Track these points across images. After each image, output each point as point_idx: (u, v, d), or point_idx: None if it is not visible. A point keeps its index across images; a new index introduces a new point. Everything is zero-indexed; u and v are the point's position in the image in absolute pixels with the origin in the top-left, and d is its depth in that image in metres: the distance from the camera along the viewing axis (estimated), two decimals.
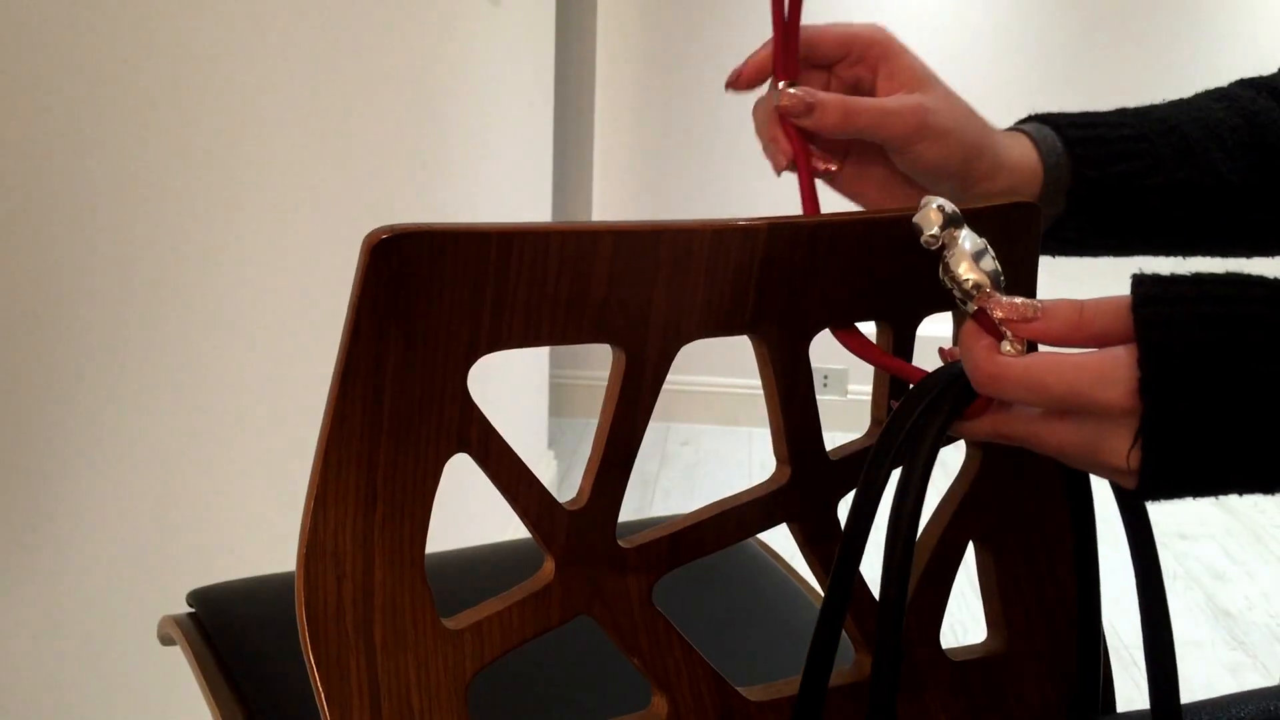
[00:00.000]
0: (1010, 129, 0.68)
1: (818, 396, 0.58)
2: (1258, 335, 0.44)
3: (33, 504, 0.75)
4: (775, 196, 3.18)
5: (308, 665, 0.47)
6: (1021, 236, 0.61)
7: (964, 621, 2.18)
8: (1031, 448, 0.50)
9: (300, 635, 0.47)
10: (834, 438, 0.57)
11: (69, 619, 0.81)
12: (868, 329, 0.58)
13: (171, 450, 0.92)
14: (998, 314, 0.49)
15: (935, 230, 0.51)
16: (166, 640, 0.79)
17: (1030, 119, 0.69)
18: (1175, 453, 0.45)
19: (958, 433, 0.53)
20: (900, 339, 0.59)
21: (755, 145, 0.65)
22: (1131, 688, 1.93)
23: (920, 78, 0.63)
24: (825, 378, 3.24)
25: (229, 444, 1.02)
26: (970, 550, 0.63)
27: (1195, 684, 2.02)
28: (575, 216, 3.23)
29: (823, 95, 0.61)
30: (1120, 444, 0.46)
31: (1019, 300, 0.49)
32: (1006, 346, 0.49)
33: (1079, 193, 0.66)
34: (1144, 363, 0.45)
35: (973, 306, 0.50)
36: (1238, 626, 2.27)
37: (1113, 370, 0.45)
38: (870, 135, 0.61)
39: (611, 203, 3.29)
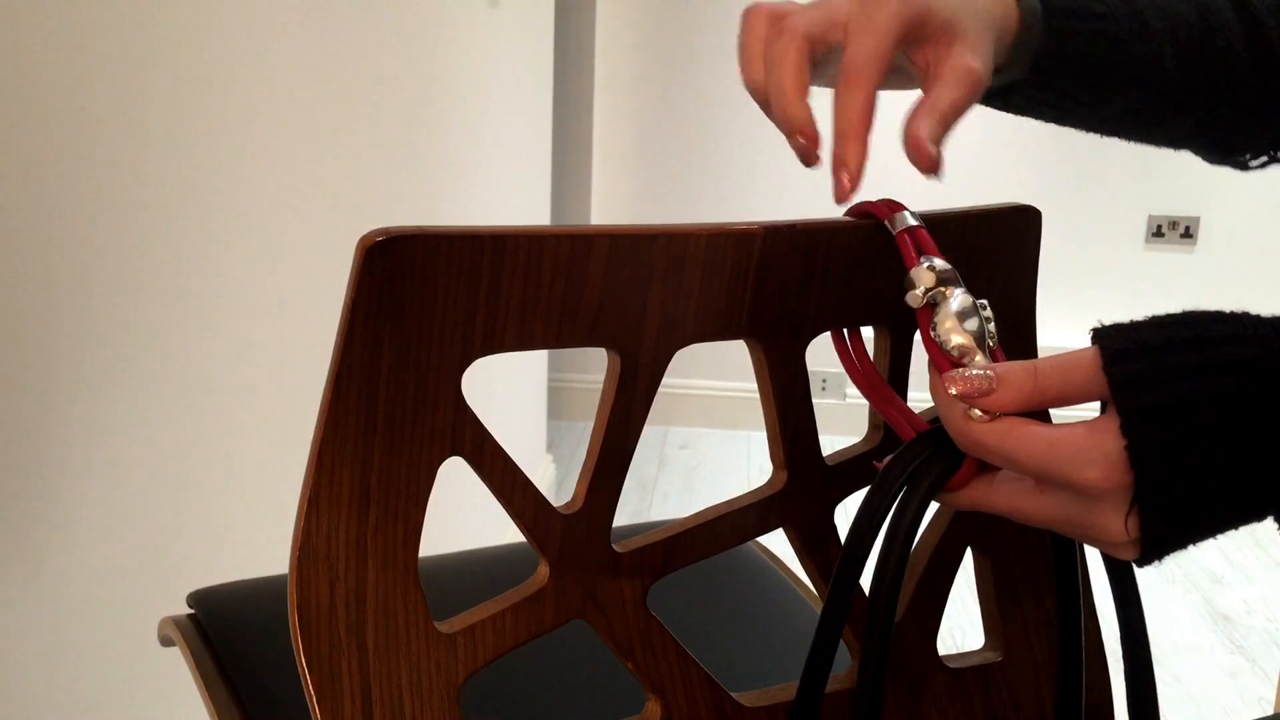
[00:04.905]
0: None
1: (815, 400, 0.58)
2: (1229, 381, 0.42)
3: (33, 506, 0.75)
4: (772, 201, 3.17)
5: (300, 667, 0.47)
6: (1023, 240, 0.60)
7: (963, 626, 2.18)
8: (1017, 520, 0.49)
9: (292, 637, 0.47)
10: (831, 442, 0.57)
11: (69, 620, 0.80)
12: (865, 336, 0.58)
13: (172, 452, 0.92)
14: (953, 389, 0.48)
15: (920, 290, 0.50)
16: (166, 641, 0.79)
17: None
18: (1174, 516, 0.44)
19: (941, 503, 0.52)
20: (898, 344, 0.59)
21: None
22: None
23: (953, 32, 0.57)
24: (823, 381, 3.24)
25: (229, 446, 1.02)
26: (969, 557, 0.63)
27: (1194, 688, 2.02)
28: (574, 220, 3.23)
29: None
30: (1113, 520, 0.44)
31: (972, 374, 0.47)
32: (976, 411, 0.48)
33: (1039, 62, 0.64)
34: (1128, 429, 0.43)
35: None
36: (1236, 631, 2.26)
37: (1087, 450, 0.44)
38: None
39: (610, 206, 3.29)
